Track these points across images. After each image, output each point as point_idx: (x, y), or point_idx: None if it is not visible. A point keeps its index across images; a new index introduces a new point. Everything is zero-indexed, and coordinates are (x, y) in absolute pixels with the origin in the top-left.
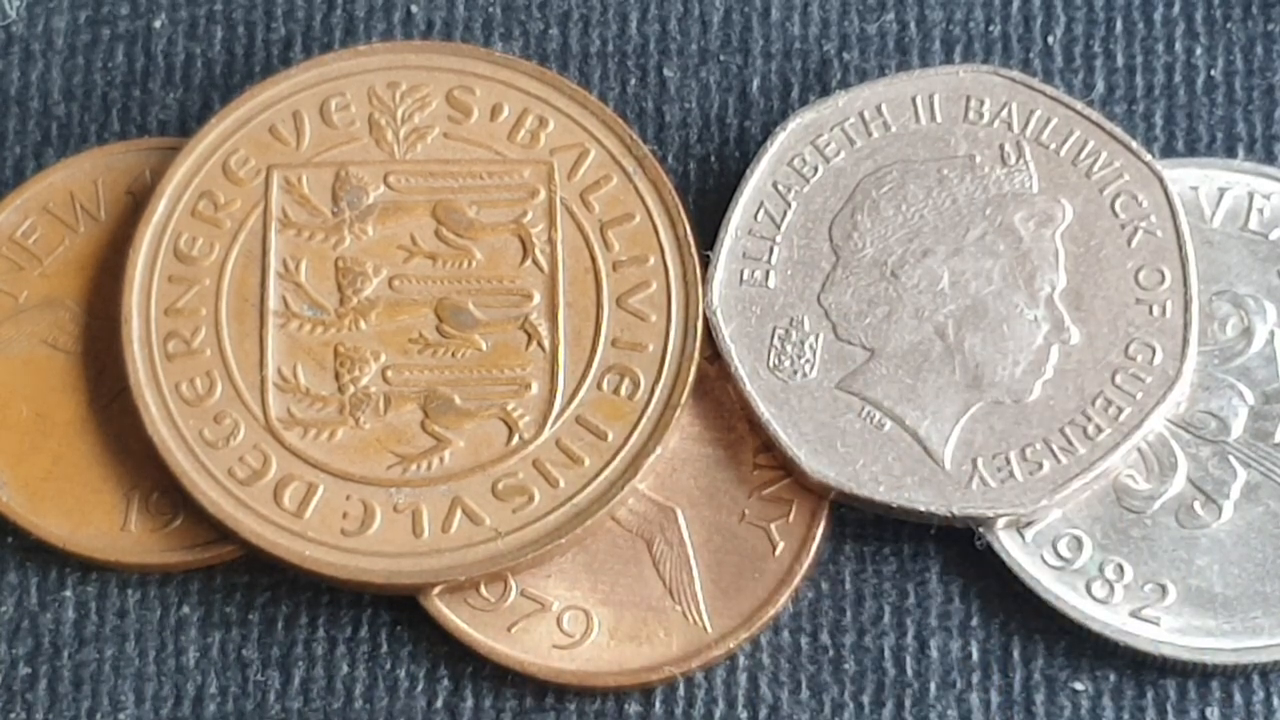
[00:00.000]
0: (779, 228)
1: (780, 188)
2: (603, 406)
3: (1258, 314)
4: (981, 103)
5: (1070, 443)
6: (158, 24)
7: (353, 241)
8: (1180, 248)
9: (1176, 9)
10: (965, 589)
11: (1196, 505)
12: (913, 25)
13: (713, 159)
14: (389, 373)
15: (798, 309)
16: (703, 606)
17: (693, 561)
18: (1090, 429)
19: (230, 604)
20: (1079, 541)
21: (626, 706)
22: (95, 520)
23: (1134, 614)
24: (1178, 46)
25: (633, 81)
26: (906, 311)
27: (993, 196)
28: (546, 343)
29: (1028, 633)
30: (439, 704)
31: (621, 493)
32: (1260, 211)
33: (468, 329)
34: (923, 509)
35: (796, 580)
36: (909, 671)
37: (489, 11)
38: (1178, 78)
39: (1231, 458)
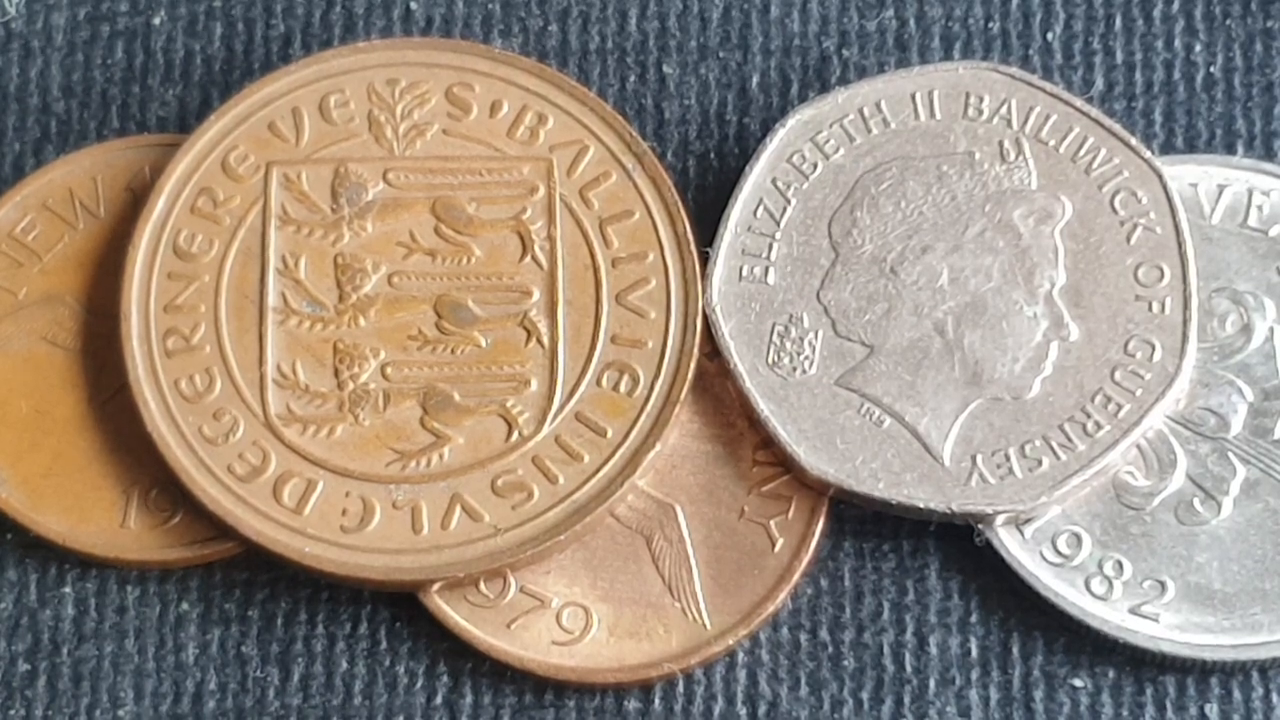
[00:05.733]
0: (778, 224)
1: (780, 184)
2: (602, 403)
3: (1257, 311)
4: (981, 99)
5: (1069, 439)
6: (157, 20)
7: (352, 238)
8: (1179, 244)
9: (1176, 6)
10: (964, 585)
11: (1196, 502)
12: (912, 22)
13: (712, 155)
14: (388, 369)
15: (797, 305)
16: (702, 603)
17: (692, 558)
18: (1089, 426)
19: (230, 600)
20: (1078, 538)
21: (626, 703)
22: (95, 517)
23: (1133, 610)
24: (1177, 43)
25: (632, 78)
26: (906, 308)
27: (992, 193)
28: (546, 339)
29: (1027, 629)
30: (438, 700)
31: (621, 489)
32: (1259, 208)
33: (467, 326)
34: (922, 505)
35: (796, 577)
36: (908, 668)
37: (488, 8)
38: (1177, 74)
39: (1231, 454)
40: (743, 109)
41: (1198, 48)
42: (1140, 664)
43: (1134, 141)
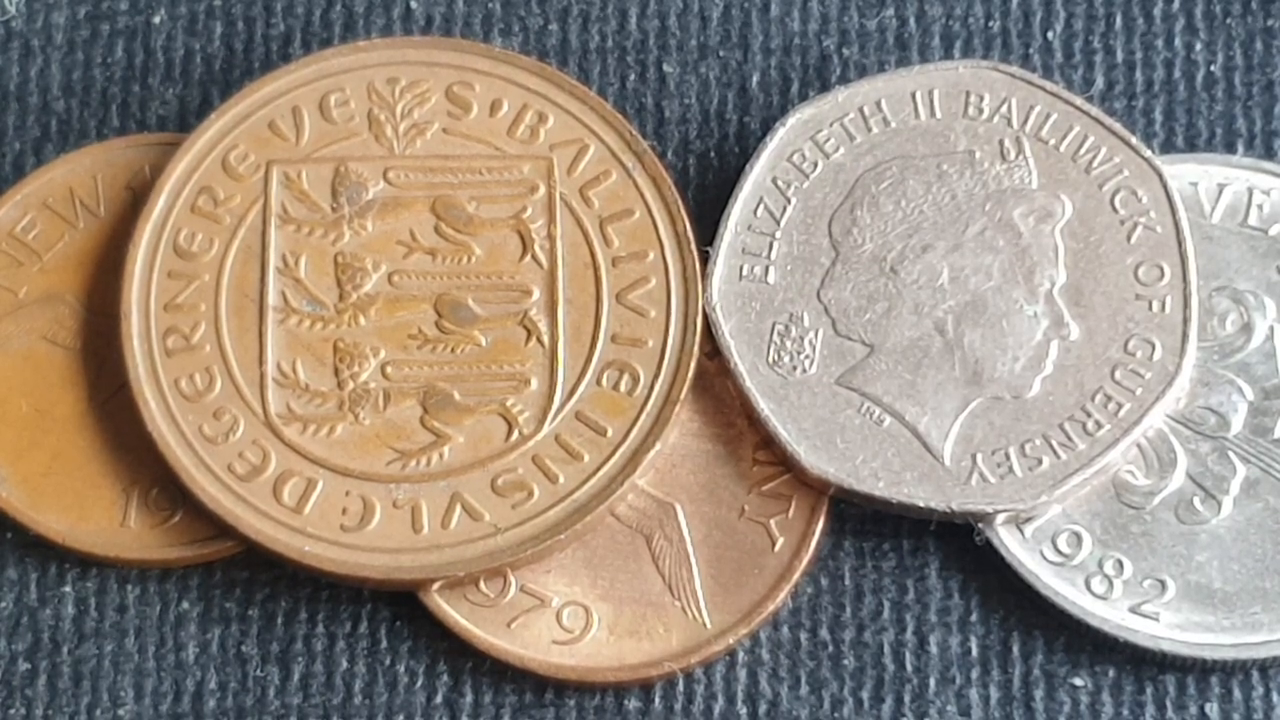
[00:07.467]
0: (778, 223)
1: (780, 183)
2: (602, 402)
3: (1257, 310)
4: (981, 98)
5: (1070, 438)
6: (157, 19)
7: (352, 237)
8: (1180, 243)
9: (1176, 4)
10: (965, 584)
11: (1196, 501)
12: (912, 21)
13: (712, 154)
14: (388, 368)
15: (797, 305)
16: (702, 602)
17: (692, 557)
18: (1090, 425)
19: (230, 599)
20: (1078, 537)
21: (626, 702)
22: (95, 516)
23: (1133, 610)
24: (1177, 42)
25: (632, 77)
26: (906, 307)
27: (992, 192)
28: (546, 338)
29: (1027, 628)
30: (438, 700)
31: (621, 488)
32: (1260, 207)
33: (467, 325)
34: (922, 504)
35: (796, 576)
36: (908, 667)
37: (488, 7)
38: (1177, 73)
39: (1231, 453)
40: (743, 108)
41: (1198, 46)
42: (1140, 663)
43: (1134, 140)
